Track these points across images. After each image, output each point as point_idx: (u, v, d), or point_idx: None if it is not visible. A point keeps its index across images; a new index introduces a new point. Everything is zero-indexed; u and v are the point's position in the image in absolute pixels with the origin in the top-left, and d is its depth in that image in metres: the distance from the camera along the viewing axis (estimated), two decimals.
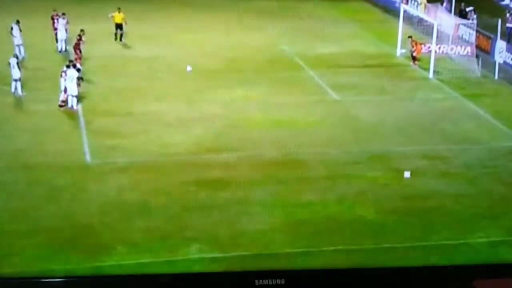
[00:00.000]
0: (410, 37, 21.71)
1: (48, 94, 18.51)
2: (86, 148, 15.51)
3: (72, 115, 17.56)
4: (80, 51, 20.39)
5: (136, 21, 24.47)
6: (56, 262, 11.42)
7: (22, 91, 18.60)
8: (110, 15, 23.22)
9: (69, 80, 17.65)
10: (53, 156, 15.12)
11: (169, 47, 23.03)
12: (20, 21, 21.66)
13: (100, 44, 22.38)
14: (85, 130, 16.58)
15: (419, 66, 21.32)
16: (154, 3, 25.06)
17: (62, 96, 17.65)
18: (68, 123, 17.15)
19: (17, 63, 18.62)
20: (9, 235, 12.22)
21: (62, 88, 17.66)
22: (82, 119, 17.27)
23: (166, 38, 23.77)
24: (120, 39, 22.86)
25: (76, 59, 19.69)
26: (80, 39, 20.45)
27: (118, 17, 22.97)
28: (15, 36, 21.33)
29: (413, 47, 21.39)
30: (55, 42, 22.08)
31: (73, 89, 17.57)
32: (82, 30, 20.61)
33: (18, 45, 21.24)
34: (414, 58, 21.37)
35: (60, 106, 17.65)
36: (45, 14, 26.39)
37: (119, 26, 22.92)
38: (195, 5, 28.73)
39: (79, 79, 17.77)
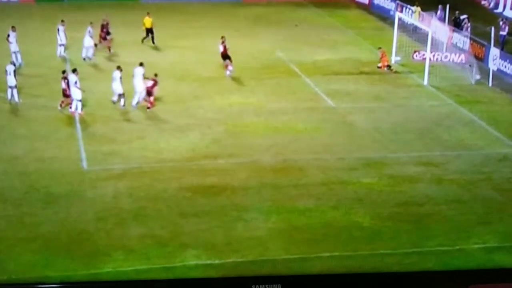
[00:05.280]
0: (379, 48, 21.91)
1: (45, 101, 18.53)
2: (83, 155, 15.52)
3: (68, 121, 17.58)
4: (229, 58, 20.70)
5: (131, 28, 24.56)
6: (52, 269, 11.40)
7: (18, 98, 18.61)
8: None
9: (71, 84, 17.72)
10: (49, 162, 15.11)
11: (165, 53, 23.10)
12: (17, 28, 21.66)
13: (97, 51, 22.41)
14: (81, 137, 16.60)
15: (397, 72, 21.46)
16: (149, 10, 25.13)
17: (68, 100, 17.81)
18: (65, 129, 17.16)
19: (14, 71, 18.63)
20: (5, 242, 12.19)
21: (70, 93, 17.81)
22: (78, 126, 17.29)
23: (162, 44, 23.85)
24: (142, 41, 23.38)
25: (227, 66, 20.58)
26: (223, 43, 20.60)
27: (148, 22, 23.39)
28: (11, 43, 21.33)
29: (381, 57, 21.55)
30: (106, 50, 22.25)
31: (77, 94, 17.65)
32: (223, 37, 20.91)
33: (14, 52, 21.24)
34: (381, 67, 21.50)
35: (61, 106, 17.78)
36: (42, 21, 26.44)
37: (149, 30, 23.37)
38: (191, 12, 28.85)
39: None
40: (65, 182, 14.22)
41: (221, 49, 20.79)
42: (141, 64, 18.42)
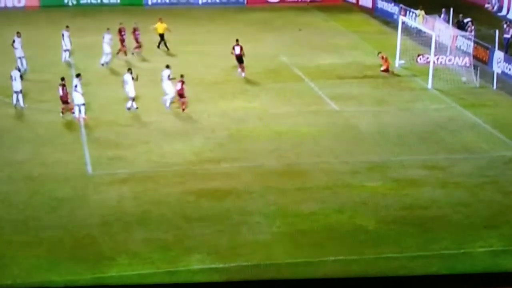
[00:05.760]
0: (379, 53, 21.96)
1: (49, 105, 18.58)
2: (87, 159, 15.56)
3: (73, 126, 17.63)
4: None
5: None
6: (56, 273, 11.41)
7: (23, 103, 18.69)
8: (152, 27, 23.36)
9: (74, 88, 17.78)
10: (54, 167, 15.15)
11: (169, 58, 23.15)
12: (22, 33, 21.76)
13: (101, 56, 22.50)
14: (86, 141, 16.64)
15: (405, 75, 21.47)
16: (155, 15, 25.24)
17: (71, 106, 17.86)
18: (69, 134, 17.20)
19: (21, 76, 18.72)
20: (10, 246, 12.22)
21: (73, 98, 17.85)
22: (83, 130, 17.34)
23: (166, 49, 23.89)
24: (166, 47, 23.34)
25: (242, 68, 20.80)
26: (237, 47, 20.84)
27: (161, 27, 23.41)
28: (16, 49, 21.43)
29: (385, 62, 21.56)
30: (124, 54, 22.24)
31: (78, 98, 17.70)
32: (237, 40, 21.05)
33: (20, 58, 21.33)
34: (385, 71, 21.57)
35: (62, 113, 17.83)
36: (47, 27, 26.57)
37: (161, 36, 23.37)
38: (195, 17, 28.95)
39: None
40: (70, 187, 14.25)
41: (238, 51, 20.89)
42: (167, 67, 18.75)
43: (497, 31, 21.46)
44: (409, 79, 21.60)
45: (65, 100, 17.81)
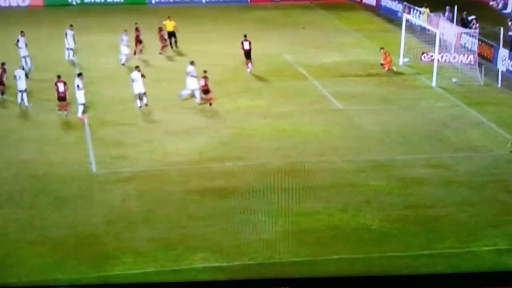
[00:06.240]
0: (382, 48, 21.88)
1: (53, 105, 18.62)
2: (92, 158, 15.61)
3: (77, 125, 17.69)
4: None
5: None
6: (61, 272, 11.47)
7: (28, 102, 18.76)
8: (162, 23, 23.27)
9: (76, 88, 17.84)
10: (58, 166, 15.22)
11: (173, 56, 23.19)
12: (26, 33, 21.83)
13: (105, 55, 22.57)
14: (90, 140, 16.70)
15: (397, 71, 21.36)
16: (159, 15, 25.27)
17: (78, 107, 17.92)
18: (74, 133, 17.26)
19: (26, 75, 18.81)
20: (15, 245, 12.29)
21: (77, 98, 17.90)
22: (87, 129, 17.40)
23: (169, 48, 23.90)
24: (176, 46, 23.24)
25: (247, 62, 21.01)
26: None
27: (170, 25, 23.33)
28: (20, 48, 21.53)
29: (385, 58, 21.51)
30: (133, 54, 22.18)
31: (79, 97, 17.75)
32: (245, 35, 21.17)
33: (24, 57, 21.43)
34: (383, 66, 21.51)
35: (65, 110, 17.89)
36: (51, 26, 26.65)
37: (172, 34, 23.26)
38: (198, 15, 28.97)
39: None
40: (74, 186, 14.31)
41: (247, 46, 21.01)
42: (191, 63, 18.95)
43: (501, 29, 21.38)
44: (413, 77, 21.56)
45: (62, 96, 17.80)
